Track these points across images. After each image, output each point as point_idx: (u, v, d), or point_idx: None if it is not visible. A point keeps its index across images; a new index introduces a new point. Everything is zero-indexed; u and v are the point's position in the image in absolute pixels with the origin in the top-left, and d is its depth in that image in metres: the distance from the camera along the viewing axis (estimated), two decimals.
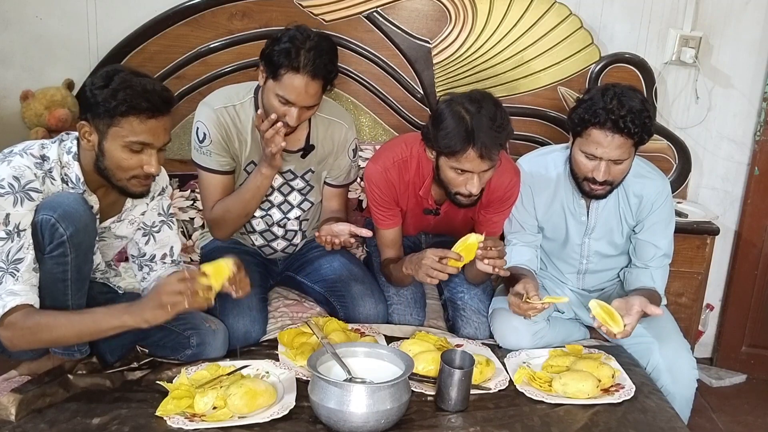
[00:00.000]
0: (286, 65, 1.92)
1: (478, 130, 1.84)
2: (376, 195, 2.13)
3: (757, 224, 2.98)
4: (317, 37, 1.98)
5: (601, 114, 1.91)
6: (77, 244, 1.67)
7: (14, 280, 1.61)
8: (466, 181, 1.92)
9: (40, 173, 1.67)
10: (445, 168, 1.94)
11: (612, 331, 1.86)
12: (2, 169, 1.62)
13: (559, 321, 2.19)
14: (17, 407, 1.61)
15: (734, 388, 2.99)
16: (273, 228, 2.26)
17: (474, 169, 1.89)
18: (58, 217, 1.63)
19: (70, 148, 1.73)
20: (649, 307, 1.89)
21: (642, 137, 1.94)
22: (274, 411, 1.65)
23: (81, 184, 1.73)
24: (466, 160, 1.88)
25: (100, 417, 1.62)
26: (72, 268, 1.69)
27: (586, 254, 2.20)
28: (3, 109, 2.73)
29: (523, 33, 2.77)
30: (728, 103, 2.95)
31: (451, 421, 1.71)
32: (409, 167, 2.10)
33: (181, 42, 2.70)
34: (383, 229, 2.19)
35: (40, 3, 2.68)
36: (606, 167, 1.96)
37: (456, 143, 1.85)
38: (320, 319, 2.10)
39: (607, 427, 1.72)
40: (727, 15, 2.86)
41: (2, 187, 1.60)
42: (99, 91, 1.63)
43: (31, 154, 1.68)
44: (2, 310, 1.59)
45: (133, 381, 1.79)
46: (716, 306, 3.11)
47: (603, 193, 2.04)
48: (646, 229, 2.13)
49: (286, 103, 1.97)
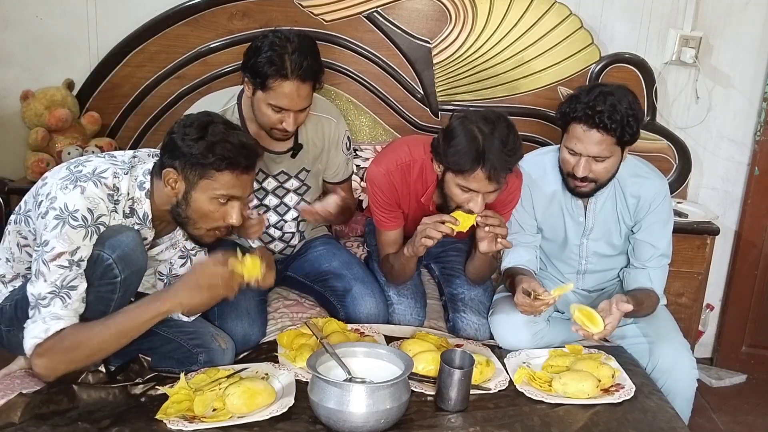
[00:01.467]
0: (273, 74, 1.90)
1: (489, 152, 1.82)
2: (379, 197, 2.12)
3: (757, 224, 2.98)
4: (296, 37, 1.95)
5: (579, 109, 1.92)
6: (127, 286, 1.66)
7: (63, 305, 1.56)
8: (470, 200, 1.91)
9: (110, 206, 1.62)
10: (450, 184, 1.93)
11: (590, 332, 1.87)
12: (76, 197, 1.56)
13: (559, 321, 2.19)
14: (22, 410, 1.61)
15: (734, 388, 2.98)
16: (270, 230, 2.24)
17: (480, 189, 1.89)
18: (117, 258, 1.60)
19: (143, 183, 1.68)
20: (621, 304, 1.89)
21: (623, 136, 1.92)
22: (274, 409, 1.65)
23: (148, 221, 1.70)
24: (473, 180, 1.87)
25: (102, 421, 1.61)
26: (115, 305, 1.66)
27: (584, 255, 2.20)
28: (3, 109, 2.73)
29: (523, 33, 2.77)
30: (728, 103, 2.95)
31: (451, 421, 1.71)
32: (412, 171, 2.09)
33: (181, 42, 2.70)
34: (385, 231, 2.18)
35: (40, 3, 2.69)
36: (586, 163, 1.96)
37: (465, 162, 1.84)
38: (319, 319, 2.09)
39: (607, 427, 1.72)
40: (727, 15, 2.86)
41: (75, 219, 1.55)
42: (194, 143, 1.60)
43: (105, 185, 1.61)
44: (45, 334, 1.54)
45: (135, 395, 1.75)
46: (716, 306, 3.11)
47: (587, 191, 2.04)
48: (644, 230, 2.13)
49: (280, 110, 1.96)
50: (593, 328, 1.87)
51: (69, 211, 1.55)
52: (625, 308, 1.89)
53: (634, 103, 1.95)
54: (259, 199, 2.18)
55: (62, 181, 1.59)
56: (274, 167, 2.16)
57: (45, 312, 1.55)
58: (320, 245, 2.33)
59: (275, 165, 2.16)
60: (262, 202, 2.19)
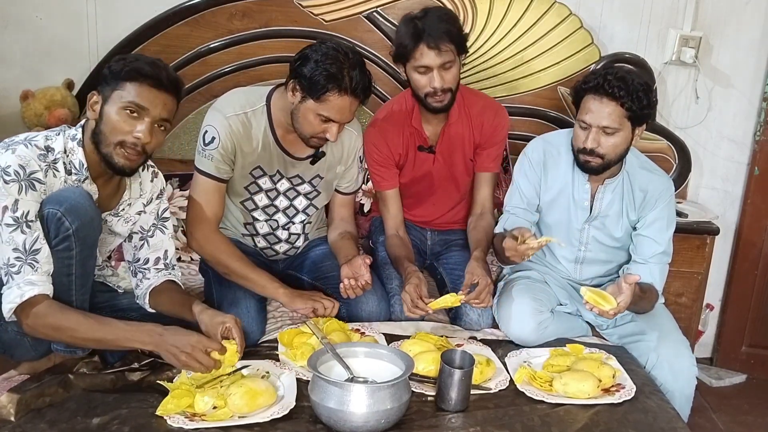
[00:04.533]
0: (333, 88, 1.93)
1: (424, 26, 2.08)
2: (375, 154, 2.30)
3: (757, 224, 2.98)
4: (352, 53, 1.99)
5: (592, 79, 2.01)
6: (82, 238, 1.69)
7: (33, 270, 1.64)
8: (430, 80, 2.13)
9: (44, 165, 1.69)
10: (410, 74, 2.16)
11: (604, 309, 1.90)
12: (7, 156, 1.64)
13: (563, 315, 2.21)
14: (17, 407, 1.61)
15: (734, 388, 2.99)
16: (277, 231, 2.26)
17: (430, 63, 2.10)
18: (65, 210, 1.65)
19: (75, 135, 1.76)
20: (627, 277, 1.92)
21: (632, 107, 1.96)
22: (275, 410, 1.65)
23: (84, 170, 1.75)
24: (420, 56, 2.10)
25: (101, 417, 1.61)
26: (77, 263, 1.71)
27: (585, 241, 2.21)
28: (3, 109, 2.73)
29: (523, 33, 2.77)
30: (728, 103, 2.95)
31: (451, 421, 1.71)
32: (400, 111, 2.31)
33: (181, 42, 2.70)
34: (383, 191, 2.36)
35: (40, 3, 2.68)
36: (595, 134, 2.00)
37: (408, 43, 2.10)
38: (320, 319, 2.09)
39: (607, 427, 1.72)
40: (727, 15, 2.86)
41: (8, 174, 1.62)
42: (114, 63, 1.73)
43: (35, 146, 1.70)
44: (20, 299, 1.63)
45: (133, 382, 1.78)
46: (716, 306, 3.11)
47: (595, 166, 2.06)
48: (647, 226, 2.14)
49: (327, 121, 1.98)
50: (606, 305, 1.90)
51: (2, 167, 1.62)
52: (632, 279, 1.91)
53: (648, 83, 2.02)
54: (270, 200, 2.19)
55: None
56: (291, 170, 2.18)
57: (18, 278, 1.63)
58: (322, 244, 2.34)
59: (292, 168, 2.17)
60: (273, 203, 2.20)
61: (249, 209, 2.21)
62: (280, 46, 2.70)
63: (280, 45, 2.70)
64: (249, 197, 2.19)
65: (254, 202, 2.20)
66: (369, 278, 2.06)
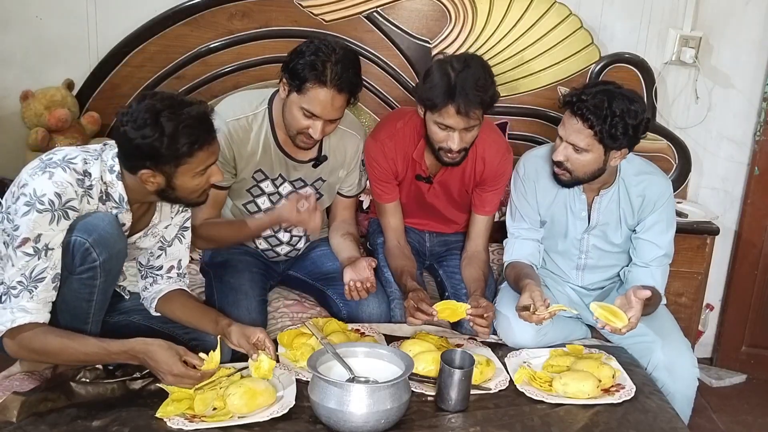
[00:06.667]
0: (312, 79, 1.91)
1: (459, 88, 1.94)
2: (376, 169, 2.24)
3: (757, 224, 2.98)
4: (342, 50, 1.97)
5: (573, 94, 1.98)
6: (108, 270, 1.68)
7: (30, 297, 1.61)
8: (448, 137, 2.03)
9: (80, 191, 1.64)
10: (429, 123, 2.05)
11: (616, 327, 1.87)
12: (43, 183, 1.59)
13: (562, 319, 2.19)
14: (19, 408, 1.61)
15: (734, 388, 2.99)
16: (279, 234, 2.26)
17: (454, 125, 2.00)
18: (93, 242, 1.62)
19: (113, 167, 1.70)
20: (638, 292, 1.89)
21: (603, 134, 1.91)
22: (274, 410, 1.65)
23: (125, 204, 1.72)
24: (446, 115, 1.98)
25: (101, 419, 1.62)
26: (99, 291, 1.69)
27: (585, 249, 2.21)
28: (3, 109, 2.72)
29: (523, 33, 2.77)
30: (728, 103, 2.95)
31: (451, 421, 1.71)
32: (405, 135, 2.21)
33: (181, 42, 2.70)
34: (383, 203, 2.31)
35: (40, 3, 2.68)
36: (563, 148, 2.00)
37: (437, 97, 1.97)
38: (320, 320, 2.10)
39: (607, 427, 1.72)
40: (727, 15, 2.86)
41: (42, 203, 1.57)
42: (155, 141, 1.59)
43: (74, 170, 1.64)
44: (11, 324, 1.60)
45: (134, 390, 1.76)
46: (716, 306, 3.11)
47: (564, 180, 2.06)
48: (647, 229, 2.13)
49: (311, 116, 1.96)
50: (618, 322, 1.87)
51: (37, 196, 1.58)
52: (643, 295, 1.88)
53: (634, 111, 1.92)
54: (273, 203, 2.19)
55: (33, 170, 1.63)
56: (293, 173, 2.17)
57: (14, 302, 1.61)
58: (323, 245, 2.34)
59: (294, 171, 2.17)
60: (275, 206, 2.20)
61: (251, 212, 2.21)
62: (280, 46, 2.70)
63: (280, 45, 2.70)
64: (252, 200, 2.19)
65: (257, 204, 2.20)
66: (374, 281, 2.05)
